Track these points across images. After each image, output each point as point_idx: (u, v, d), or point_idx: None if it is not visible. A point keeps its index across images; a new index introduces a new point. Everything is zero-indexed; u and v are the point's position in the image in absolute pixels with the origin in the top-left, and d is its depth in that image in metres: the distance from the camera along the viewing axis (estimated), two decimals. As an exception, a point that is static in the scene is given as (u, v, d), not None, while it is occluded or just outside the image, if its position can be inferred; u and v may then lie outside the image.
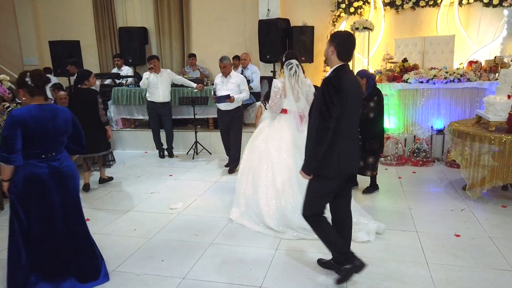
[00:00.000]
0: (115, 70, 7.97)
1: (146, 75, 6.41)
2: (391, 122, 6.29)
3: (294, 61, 3.77)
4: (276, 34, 7.34)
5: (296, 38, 7.42)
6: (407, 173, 5.58)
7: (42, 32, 9.60)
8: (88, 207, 4.55)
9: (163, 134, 6.76)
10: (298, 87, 3.82)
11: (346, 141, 2.65)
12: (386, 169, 5.76)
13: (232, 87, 5.61)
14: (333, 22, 7.82)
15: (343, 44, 2.63)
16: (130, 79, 7.68)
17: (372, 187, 4.78)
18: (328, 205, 2.89)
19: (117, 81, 7.65)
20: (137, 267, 3.19)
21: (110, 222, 4.11)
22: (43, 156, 2.69)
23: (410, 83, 6.13)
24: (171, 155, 6.83)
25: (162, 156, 6.81)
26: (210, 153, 6.86)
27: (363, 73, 4.51)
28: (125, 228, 3.95)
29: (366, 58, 7.26)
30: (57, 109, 2.79)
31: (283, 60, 3.85)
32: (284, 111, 3.91)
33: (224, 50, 6.77)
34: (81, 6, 9.26)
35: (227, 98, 5.49)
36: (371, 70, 6.95)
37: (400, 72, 6.45)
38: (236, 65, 7.54)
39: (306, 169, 2.69)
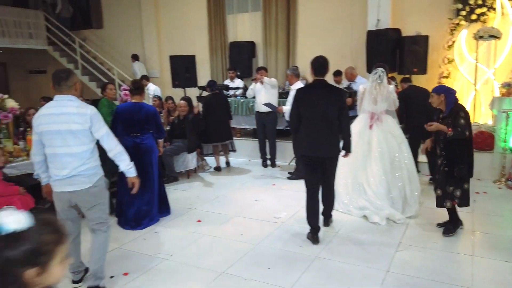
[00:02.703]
0: (227, 82, 8.49)
1: (251, 86, 6.72)
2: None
3: (380, 69, 4.51)
4: (385, 45, 7.05)
5: (408, 48, 7.02)
6: (541, 200, 4.84)
7: (163, 48, 10.70)
8: (200, 209, 4.90)
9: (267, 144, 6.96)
10: (377, 91, 4.54)
11: (307, 132, 3.76)
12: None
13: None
14: (451, 30, 7.22)
15: (313, 65, 3.82)
16: (239, 91, 8.09)
17: (453, 224, 3.93)
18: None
19: (226, 92, 8.12)
20: (245, 272, 3.31)
21: (220, 225, 4.35)
22: (131, 134, 4.25)
23: (547, 97, 5.34)
24: (273, 164, 6.98)
25: (265, 165, 7.01)
26: (312, 165, 6.81)
27: (440, 89, 3.90)
28: (233, 232, 4.14)
29: (492, 69, 6.53)
30: (143, 106, 4.31)
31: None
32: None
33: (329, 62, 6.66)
34: (197, 23, 10.07)
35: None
36: (497, 83, 6.23)
37: (534, 84, 5.66)
38: (337, 81, 7.30)
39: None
